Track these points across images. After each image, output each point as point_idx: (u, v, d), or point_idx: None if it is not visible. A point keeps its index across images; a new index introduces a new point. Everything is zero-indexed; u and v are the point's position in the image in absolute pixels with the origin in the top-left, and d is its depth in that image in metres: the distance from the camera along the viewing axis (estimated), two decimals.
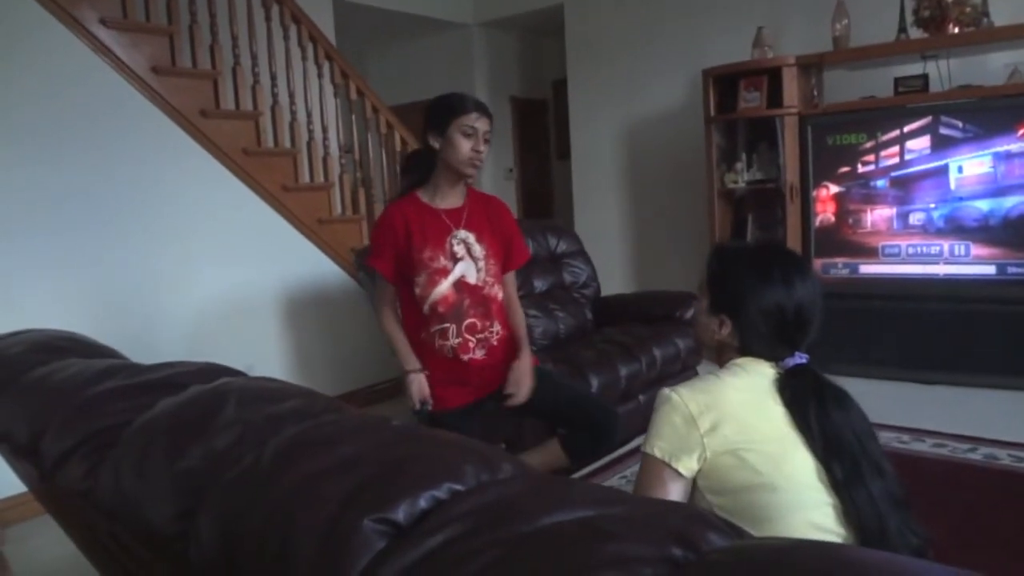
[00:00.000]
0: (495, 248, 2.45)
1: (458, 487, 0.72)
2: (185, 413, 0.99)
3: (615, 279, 5.59)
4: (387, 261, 2.39)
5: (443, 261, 2.36)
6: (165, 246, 3.68)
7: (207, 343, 3.73)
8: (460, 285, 2.38)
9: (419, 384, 2.39)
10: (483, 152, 2.33)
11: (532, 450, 2.60)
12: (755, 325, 1.44)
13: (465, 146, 2.30)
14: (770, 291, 1.43)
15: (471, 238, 2.40)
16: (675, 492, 1.35)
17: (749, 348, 1.46)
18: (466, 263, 2.39)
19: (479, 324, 2.40)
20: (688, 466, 1.35)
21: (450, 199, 2.42)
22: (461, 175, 2.36)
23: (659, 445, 1.37)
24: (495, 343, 2.44)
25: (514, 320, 2.53)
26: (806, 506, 1.31)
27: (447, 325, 2.38)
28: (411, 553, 0.63)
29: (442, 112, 2.33)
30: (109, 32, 3.47)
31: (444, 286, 2.36)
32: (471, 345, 2.40)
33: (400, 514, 0.68)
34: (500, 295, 2.47)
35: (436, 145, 2.34)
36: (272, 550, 0.72)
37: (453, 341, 2.38)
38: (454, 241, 2.38)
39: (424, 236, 2.36)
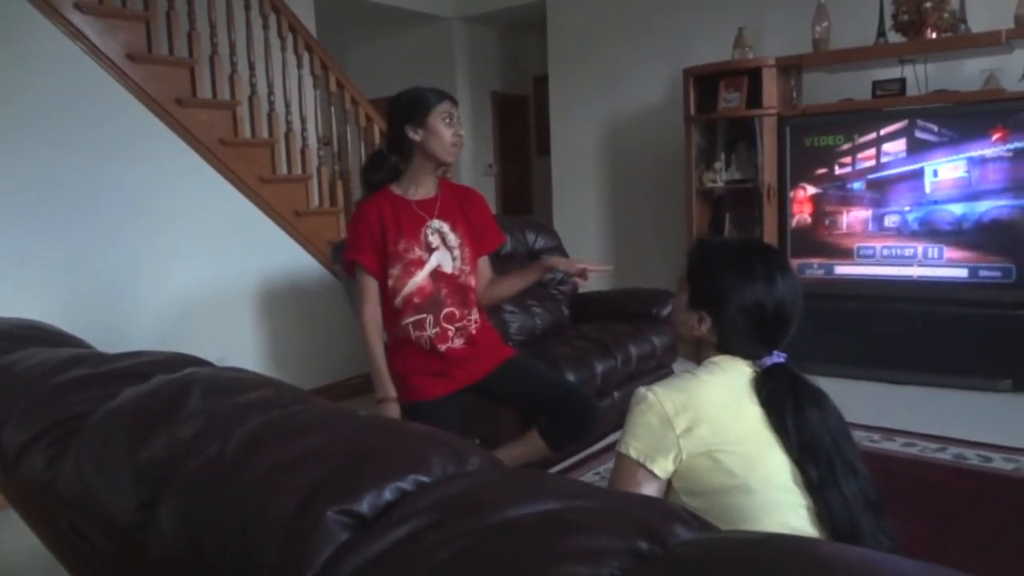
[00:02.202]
0: (469, 237, 2.45)
1: (424, 479, 0.71)
2: (149, 403, 0.97)
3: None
4: (368, 254, 2.38)
5: (418, 252, 2.36)
6: (139, 236, 3.63)
7: (181, 335, 3.69)
8: (437, 275, 2.39)
9: (391, 414, 2.37)
10: (463, 136, 2.38)
11: (511, 443, 2.59)
12: (734, 322, 1.42)
13: (447, 132, 2.34)
14: (751, 288, 1.41)
15: (445, 227, 2.41)
16: (649, 492, 1.34)
17: (728, 345, 1.45)
18: (441, 252, 2.39)
19: (457, 313, 2.40)
20: (663, 467, 1.34)
21: (424, 189, 2.43)
22: (444, 162, 2.39)
23: (634, 445, 1.35)
24: (473, 331, 2.45)
25: (501, 286, 2.57)
26: (780, 508, 1.31)
27: (423, 316, 2.37)
28: (375, 545, 0.62)
29: (417, 104, 2.35)
30: (84, 17, 3.42)
31: (420, 276, 2.36)
32: (450, 334, 2.40)
33: (365, 506, 0.67)
34: (474, 280, 2.47)
35: (417, 137, 2.35)
36: (235, 541, 0.71)
37: (430, 331, 2.38)
38: (429, 231, 2.38)
39: (399, 228, 2.36)
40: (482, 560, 0.57)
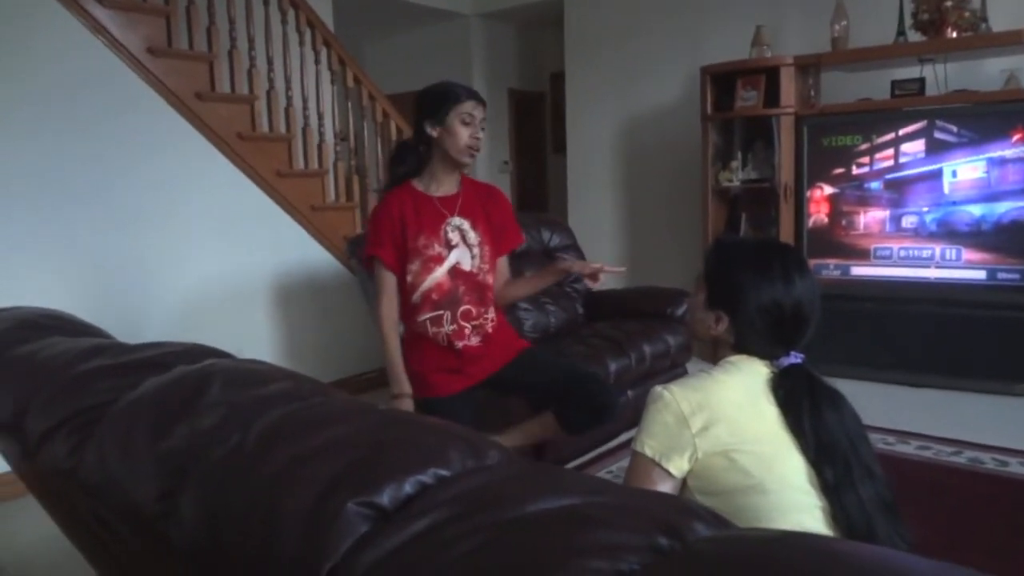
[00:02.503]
0: (489, 235, 2.44)
1: (444, 472, 0.71)
2: (170, 393, 0.98)
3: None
4: (387, 248, 2.36)
5: (438, 248, 2.35)
6: (156, 229, 3.66)
7: (196, 328, 3.71)
8: (455, 272, 2.37)
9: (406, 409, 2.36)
10: (480, 139, 2.33)
11: (525, 423, 2.56)
12: (752, 322, 1.42)
13: (464, 133, 2.30)
14: (769, 287, 1.41)
15: (466, 225, 2.39)
16: (665, 491, 1.33)
17: (745, 345, 1.44)
18: (461, 250, 2.38)
19: (474, 311, 2.39)
20: (679, 466, 1.33)
21: (445, 187, 2.41)
22: (459, 163, 2.36)
23: (650, 444, 1.35)
24: (490, 329, 2.44)
25: (516, 287, 2.55)
26: (796, 509, 1.30)
27: (441, 312, 2.37)
28: (395, 537, 0.63)
29: (440, 101, 2.32)
30: (105, 11, 3.44)
31: (439, 273, 2.35)
32: (467, 332, 2.39)
33: (385, 498, 0.68)
34: (491, 279, 2.46)
35: (434, 134, 2.33)
36: (255, 531, 0.71)
37: (448, 328, 2.37)
38: (449, 228, 2.37)
39: (419, 223, 2.35)
40: (501, 554, 0.58)
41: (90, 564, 1.20)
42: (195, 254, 3.82)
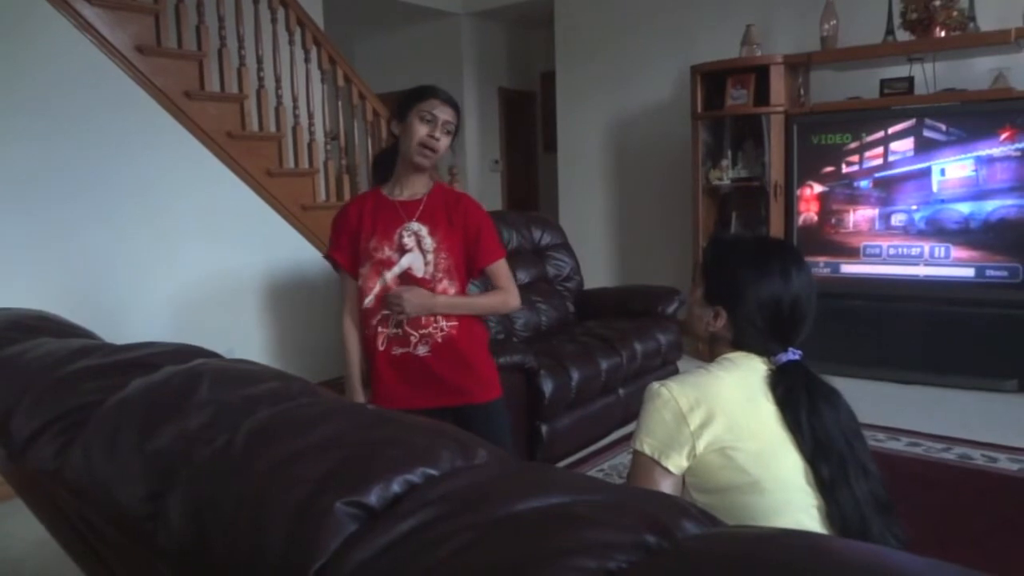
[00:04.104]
0: (451, 243, 2.33)
1: (432, 472, 0.71)
2: (158, 393, 0.97)
3: (598, 273, 5.60)
4: (343, 251, 2.33)
5: (388, 252, 2.28)
6: (145, 228, 3.64)
7: (185, 327, 3.70)
8: (406, 277, 2.29)
9: None
10: (439, 141, 2.24)
11: None
12: (751, 317, 1.41)
13: (420, 131, 2.20)
14: (768, 282, 1.41)
15: (423, 231, 2.30)
16: (666, 490, 1.32)
17: (743, 341, 1.44)
18: (413, 255, 2.30)
19: (422, 319, 2.29)
20: (677, 463, 1.32)
21: (410, 190, 2.33)
22: (413, 163, 2.29)
23: (648, 441, 1.34)
24: (440, 340, 2.30)
25: (482, 298, 2.44)
26: (792, 508, 1.30)
27: (389, 314, 2.29)
28: (383, 537, 0.63)
29: (406, 99, 2.27)
30: (93, 9, 3.42)
31: (388, 277, 2.29)
32: (412, 340, 2.30)
33: (373, 498, 0.67)
34: (455, 291, 2.33)
35: (396, 132, 2.29)
36: (243, 532, 0.71)
37: (391, 331, 2.30)
38: (404, 233, 2.29)
39: (373, 226, 2.28)
40: (489, 553, 0.57)
41: (78, 565, 1.20)
42: (184, 254, 3.80)
